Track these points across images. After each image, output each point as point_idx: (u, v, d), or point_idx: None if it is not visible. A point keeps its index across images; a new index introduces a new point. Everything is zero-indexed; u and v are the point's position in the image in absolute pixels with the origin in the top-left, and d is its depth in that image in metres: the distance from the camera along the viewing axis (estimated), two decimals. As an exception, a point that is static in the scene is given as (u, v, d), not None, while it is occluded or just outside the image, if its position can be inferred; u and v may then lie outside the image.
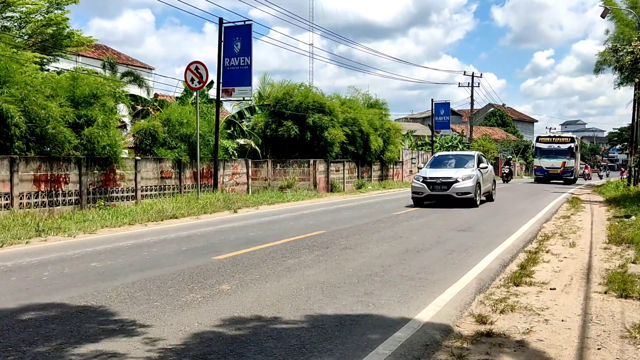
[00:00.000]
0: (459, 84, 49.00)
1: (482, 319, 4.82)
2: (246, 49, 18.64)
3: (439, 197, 16.00)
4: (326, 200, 20.32)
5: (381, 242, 9.27)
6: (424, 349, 4.16)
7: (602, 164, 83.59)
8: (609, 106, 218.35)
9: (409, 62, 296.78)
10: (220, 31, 18.79)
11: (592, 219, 13.31)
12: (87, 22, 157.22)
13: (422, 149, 42.75)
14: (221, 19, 18.84)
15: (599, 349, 4.16)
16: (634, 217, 12.32)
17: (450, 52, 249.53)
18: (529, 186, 31.29)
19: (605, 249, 8.64)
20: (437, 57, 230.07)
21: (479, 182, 16.12)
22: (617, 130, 72.99)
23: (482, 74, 59.37)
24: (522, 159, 62.31)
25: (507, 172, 37.46)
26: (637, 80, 20.08)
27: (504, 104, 76.03)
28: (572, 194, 23.74)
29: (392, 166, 33.41)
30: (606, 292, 5.80)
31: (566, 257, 7.90)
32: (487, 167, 17.29)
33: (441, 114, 44.74)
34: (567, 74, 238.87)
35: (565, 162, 36.04)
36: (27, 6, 19.24)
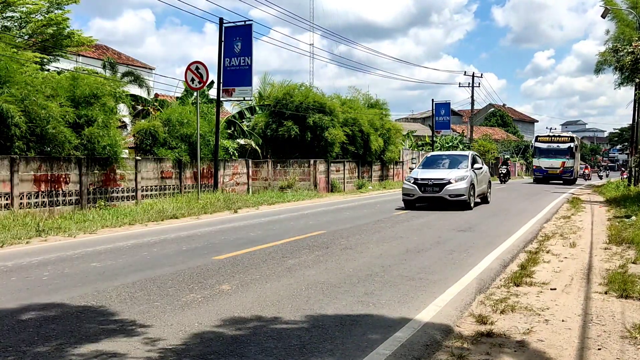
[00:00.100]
0: (460, 84, 49.09)
1: (482, 319, 4.82)
2: (246, 49, 18.66)
3: (430, 199, 15.30)
4: (326, 200, 20.33)
5: (381, 242, 9.27)
6: (425, 349, 4.16)
7: (603, 164, 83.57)
8: (609, 106, 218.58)
9: (409, 62, 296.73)
10: (220, 31, 18.80)
11: (592, 219, 13.31)
12: (88, 22, 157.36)
13: (422, 149, 42.74)
14: (221, 19, 18.86)
15: (599, 349, 4.16)
16: (634, 218, 12.32)
17: (450, 52, 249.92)
18: (529, 186, 31.24)
19: (605, 249, 8.64)
20: (437, 57, 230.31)
21: (472, 184, 15.48)
22: (617, 130, 72.99)
23: (482, 74, 59.34)
24: (523, 159, 62.30)
25: (504, 172, 36.16)
26: (637, 80, 20.05)
27: (504, 104, 76.01)
28: (573, 194, 23.74)
29: (392, 166, 33.43)
30: (606, 292, 5.80)
31: (566, 257, 7.90)
32: (481, 167, 16.73)
33: (441, 114, 44.81)
34: (567, 74, 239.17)
35: (564, 162, 35.31)
36: (27, 6, 19.24)
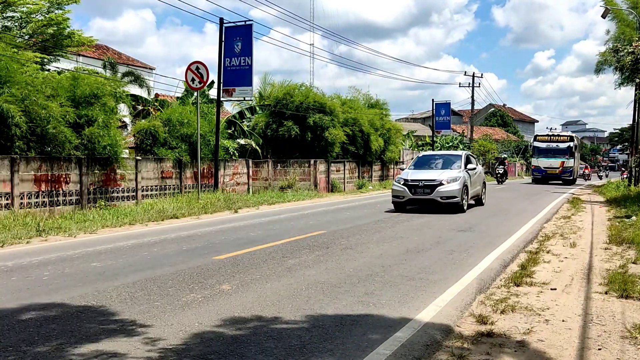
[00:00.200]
0: (460, 84, 49.06)
1: (482, 319, 4.82)
2: (247, 49, 18.65)
3: (421, 201, 14.58)
4: (327, 200, 20.32)
5: (382, 242, 9.27)
6: (425, 349, 4.16)
7: (603, 164, 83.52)
8: (609, 106, 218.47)
9: (409, 62, 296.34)
10: (221, 31, 18.80)
11: (592, 219, 13.31)
12: (88, 22, 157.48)
13: (422, 149, 42.73)
14: (222, 19, 18.86)
15: (600, 350, 4.16)
16: (634, 218, 12.33)
17: (451, 52, 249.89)
18: (528, 186, 31.15)
19: (605, 249, 8.64)
20: (437, 57, 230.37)
21: (466, 185, 14.74)
22: (617, 130, 72.93)
23: (482, 74, 59.24)
24: (523, 159, 62.30)
25: (501, 172, 34.95)
26: (637, 80, 20.05)
27: (504, 104, 75.99)
28: (573, 194, 23.73)
29: (392, 166, 33.42)
30: (607, 293, 5.80)
31: (567, 258, 7.90)
32: (475, 168, 16.01)
33: (442, 114, 44.80)
34: (567, 74, 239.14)
35: (564, 162, 34.58)
36: (27, 6, 19.24)
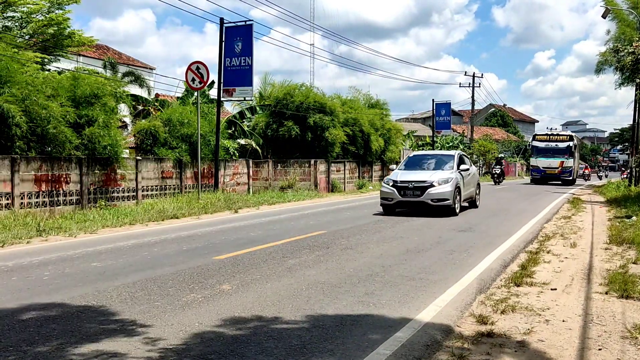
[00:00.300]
0: (460, 84, 49.08)
1: (483, 319, 4.82)
2: (247, 49, 18.65)
3: (411, 204, 13.91)
4: (327, 200, 20.32)
5: (382, 242, 9.27)
6: (425, 349, 4.16)
7: (603, 164, 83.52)
8: (610, 106, 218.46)
9: (409, 63, 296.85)
10: (221, 31, 18.80)
11: (593, 219, 13.31)
12: (88, 22, 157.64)
13: (423, 149, 42.74)
14: (222, 19, 18.85)
15: (600, 350, 4.16)
16: (634, 218, 12.33)
17: (451, 52, 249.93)
18: (527, 187, 31.05)
19: (606, 249, 8.64)
20: (438, 58, 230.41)
21: (458, 187, 14.03)
22: (618, 130, 72.87)
23: (483, 74, 59.29)
24: (523, 159, 62.33)
25: (498, 172, 33.94)
26: (638, 80, 20.06)
27: (504, 105, 76.04)
28: (573, 194, 23.73)
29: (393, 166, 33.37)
30: (607, 293, 5.80)
31: (567, 258, 7.90)
32: (469, 168, 15.41)
33: (442, 114, 44.79)
34: (568, 75, 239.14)
35: (563, 162, 33.80)
36: (28, 6, 19.24)
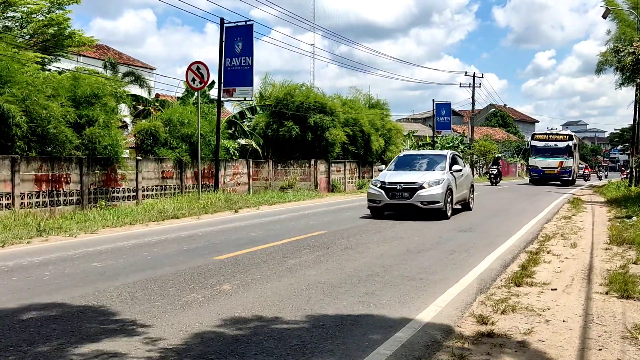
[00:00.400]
0: (460, 84, 49.03)
1: (483, 320, 4.82)
2: (247, 49, 18.65)
3: (399, 206, 13.25)
4: (327, 200, 20.32)
5: (382, 243, 9.27)
6: (425, 349, 4.16)
7: (603, 164, 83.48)
8: (610, 107, 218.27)
9: (410, 63, 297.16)
10: (221, 31, 18.80)
11: (593, 219, 13.30)
12: (89, 22, 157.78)
13: (423, 149, 42.76)
14: (222, 19, 18.86)
15: (600, 350, 4.16)
16: (635, 218, 12.32)
17: (451, 52, 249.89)
18: (527, 187, 30.93)
19: (606, 249, 8.64)
20: (438, 58, 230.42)
21: (450, 189, 13.30)
22: (618, 130, 72.80)
23: (483, 75, 59.21)
24: (523, 159, 62.34)
25: (495, 172, 33.34)
26: (638, 80, 20.05)
27: (505, 105, 76.14)
28: (573, 194, 23.72)
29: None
30: (607, 293, 5.80)
31: (567, 258, 7.90)
32: (461, 169, 14.61)
33: (442, 115, 44.78)
34: (568, 75, 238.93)
35: (562, 162, 33.19)
36: (28, 6, 19.24)
